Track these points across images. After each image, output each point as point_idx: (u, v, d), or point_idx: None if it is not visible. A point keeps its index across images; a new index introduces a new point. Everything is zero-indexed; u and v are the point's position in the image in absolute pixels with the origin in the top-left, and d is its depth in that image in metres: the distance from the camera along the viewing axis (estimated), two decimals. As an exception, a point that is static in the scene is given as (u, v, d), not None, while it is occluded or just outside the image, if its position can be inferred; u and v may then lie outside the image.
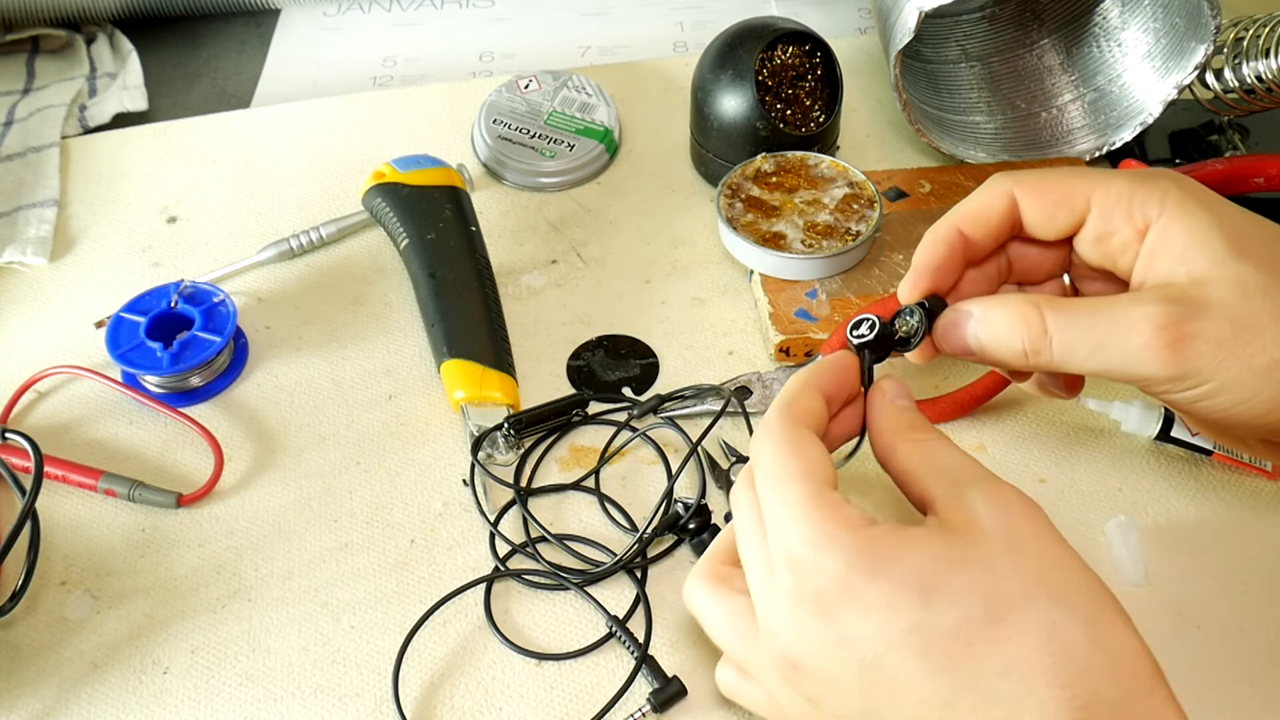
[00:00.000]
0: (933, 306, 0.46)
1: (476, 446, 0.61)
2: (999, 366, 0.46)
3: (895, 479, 0.44)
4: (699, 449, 0.60)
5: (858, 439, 0.47)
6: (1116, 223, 0.43)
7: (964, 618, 0.36)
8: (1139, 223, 0.43)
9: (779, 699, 0.42)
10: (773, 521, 0.40)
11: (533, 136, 0.79)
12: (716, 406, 0.63)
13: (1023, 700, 0.35)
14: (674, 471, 0.60)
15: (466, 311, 0.66)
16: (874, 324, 0.46)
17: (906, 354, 0.48)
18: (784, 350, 0.65)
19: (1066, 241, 0.46)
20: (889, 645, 0.37)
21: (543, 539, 0.58)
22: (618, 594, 0.56)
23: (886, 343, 0.46)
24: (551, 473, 0.62)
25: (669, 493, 0.58)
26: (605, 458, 0.62)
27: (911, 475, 0.42)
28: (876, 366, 0.47)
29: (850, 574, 0.38)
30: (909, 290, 0.47)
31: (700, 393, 0.63)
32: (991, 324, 0.43)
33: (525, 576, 0.57)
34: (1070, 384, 0.50)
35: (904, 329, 0.47)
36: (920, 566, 0.37)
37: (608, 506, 0.60)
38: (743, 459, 0.61)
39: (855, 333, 0.47)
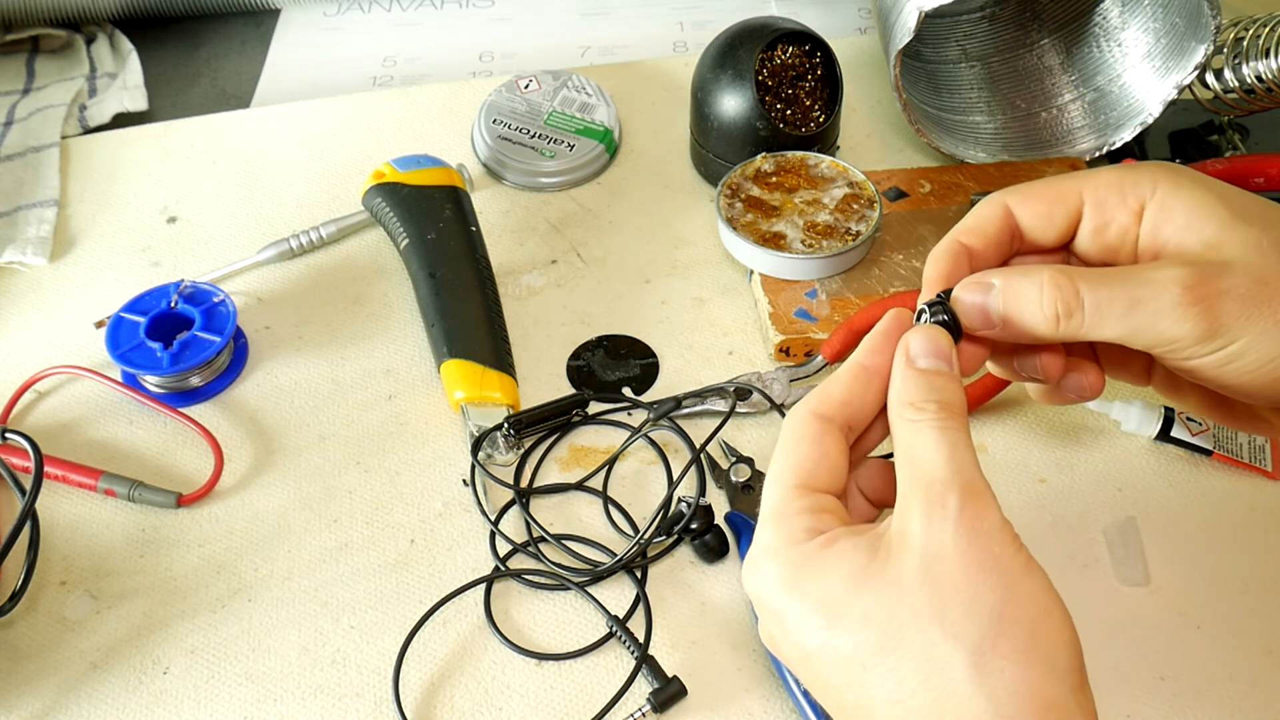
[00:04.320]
0: (949, 299, 0.44)
1: (476, 446, 0.61)
2: (1019, 339, 0.43)
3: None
4: (699, 448, 0.60)
5: None
6: (1111, 209, 0.44)
7: (861, 643, 0.37)
8: (1133, 204, 0.43)
9: None
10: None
11: (533, 136, 0.79)
12: (717, 407, 0.63)
13: None
14: (675, 474, 0.60)
15: (466, 311, 0.66)
16: (934, 312, 0.43)
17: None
18: (784, 350, 0.65)
19: (1065, 247, 0.47)
20: (806, 657, 0.39)
21: (543, 539, 0.58)
22: (618, 594, 0.56)
23: (956, 330, 0.44)
24: (551, 473, 0.62)
25: (670, 494, 0.58)
26: (613, 461, 0.62)
27: (897, 461, 0.41)
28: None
29: (777, 589, 0.39)
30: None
31: (714, 393, 0.63)
32: (1018, 292, 0.42)
33: (525, 576, 0.57)
34: (1096, 377, 0.47)
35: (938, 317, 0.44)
36: (830, 587, 0.38)
37: (609, 507, 0.60)
38: (743, 459, 0.61)
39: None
